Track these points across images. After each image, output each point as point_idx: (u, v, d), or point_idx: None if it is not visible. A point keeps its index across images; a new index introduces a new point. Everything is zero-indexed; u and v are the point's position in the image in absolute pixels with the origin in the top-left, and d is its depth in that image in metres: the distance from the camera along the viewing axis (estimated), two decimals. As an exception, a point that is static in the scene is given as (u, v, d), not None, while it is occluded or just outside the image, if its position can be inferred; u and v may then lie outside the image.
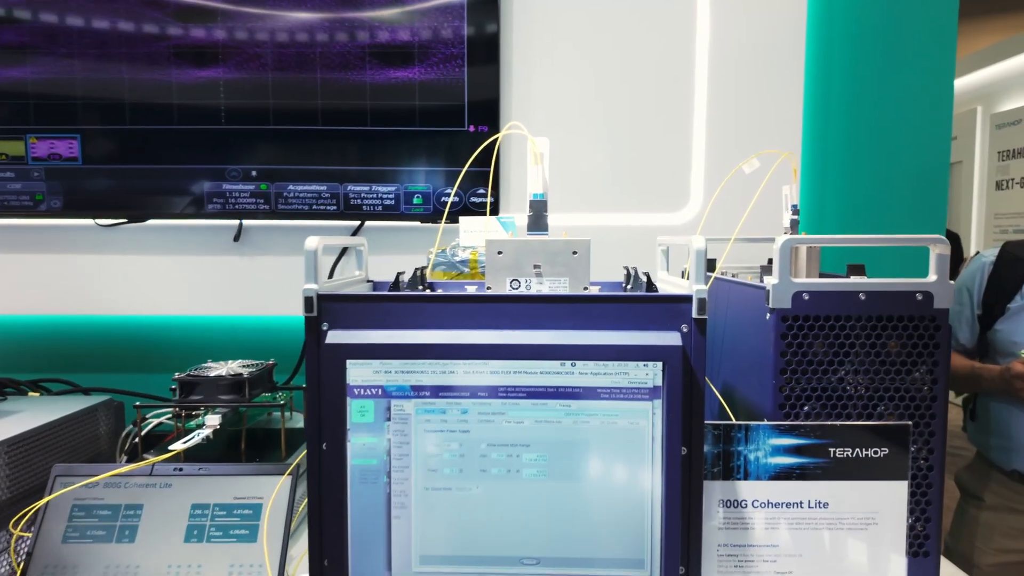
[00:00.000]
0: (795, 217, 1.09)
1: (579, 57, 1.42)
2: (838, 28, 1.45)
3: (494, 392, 0.70)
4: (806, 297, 0.83)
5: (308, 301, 0.73)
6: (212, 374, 1.16)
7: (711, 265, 1.32)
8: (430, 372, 0.72)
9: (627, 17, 1.41)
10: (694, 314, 0.70)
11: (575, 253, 0.77)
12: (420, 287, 0.92)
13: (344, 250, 1.46)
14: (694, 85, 1.42)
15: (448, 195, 1.40)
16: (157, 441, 1.16)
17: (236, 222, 1.43)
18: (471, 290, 0.86)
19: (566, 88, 1.43)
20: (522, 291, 0.77)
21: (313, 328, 0.73)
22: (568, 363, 0.70)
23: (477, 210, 1.39)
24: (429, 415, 0.71)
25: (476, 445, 0.71)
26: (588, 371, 0.70)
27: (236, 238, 1.44)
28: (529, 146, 0.81)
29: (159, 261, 1.45)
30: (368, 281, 0.98)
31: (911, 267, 0.98)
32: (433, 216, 1.40)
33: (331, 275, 1.45)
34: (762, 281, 0.94)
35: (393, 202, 1.39)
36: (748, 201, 1.41)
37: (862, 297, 0.82)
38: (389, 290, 0.90)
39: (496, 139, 0.86)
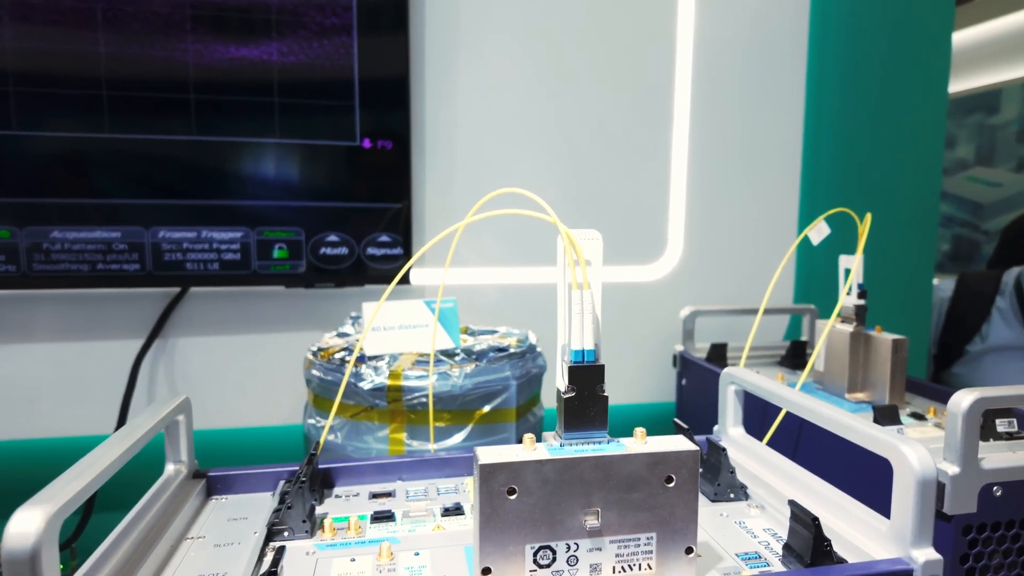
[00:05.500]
0: (862, 302, 0.75)
1: (519, 47, 0.98)
2: (835, 35, 1.13)
3: None
4: (998, 493, 0.50)
5: None
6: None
7: (719, 352, 0.97)
8: None
9: (581, 6, 0.99)
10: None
11: (670, 482, 0.36)
12: None
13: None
14: (673, 94, 1.04)
15: (332, 243, 0.91)
16: None
17: (-40, 290, 0.85)
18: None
19: (500, 89, 0.99)
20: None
21: None
22: None
23: (376, 266, 0.93)
24: None
25: None
26: None
27: (-38, 316, 0.86)
28: (563, 254, 0.38)
29: None
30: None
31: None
32: (306, 276, 0.91)
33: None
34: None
35: (239, 256, 0.89)
36: (733, 244, 1.07)
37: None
38: None
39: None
